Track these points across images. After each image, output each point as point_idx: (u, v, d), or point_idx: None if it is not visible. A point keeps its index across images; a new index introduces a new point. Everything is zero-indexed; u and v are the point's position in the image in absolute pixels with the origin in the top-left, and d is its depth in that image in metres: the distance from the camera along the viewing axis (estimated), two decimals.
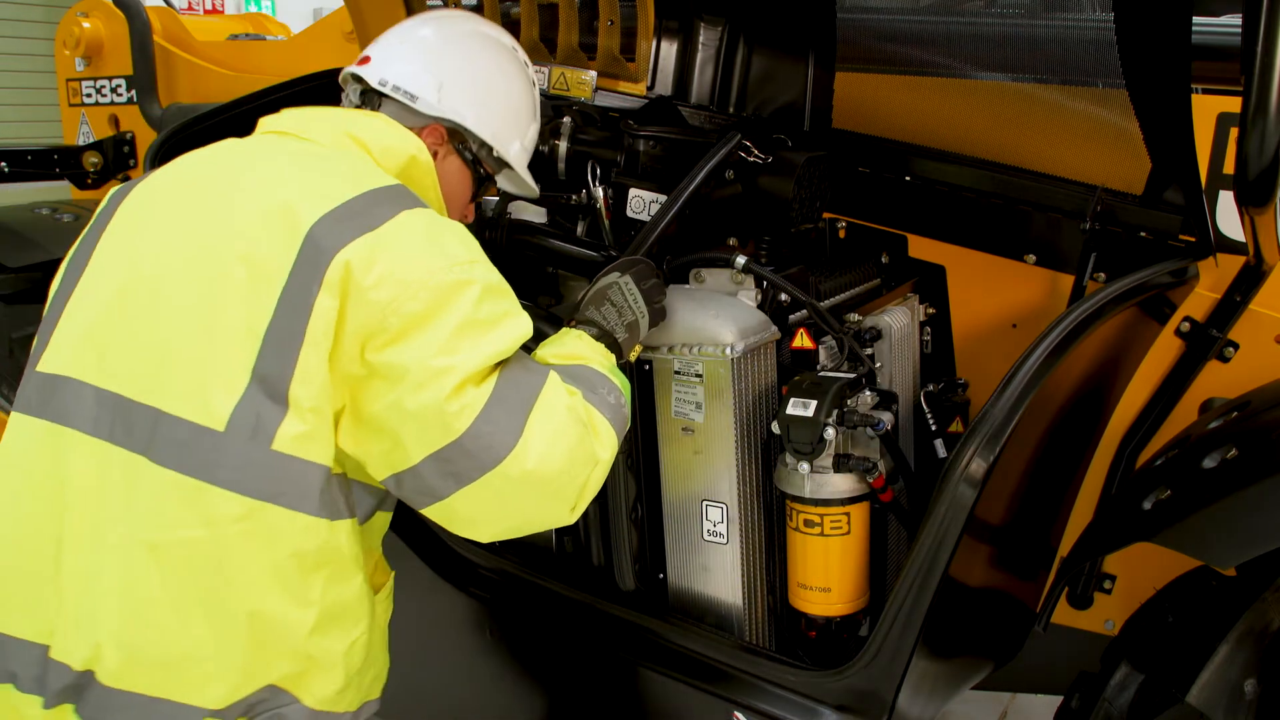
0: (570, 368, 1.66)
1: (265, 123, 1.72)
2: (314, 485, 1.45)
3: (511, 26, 2.82)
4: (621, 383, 1.70)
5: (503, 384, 1.48)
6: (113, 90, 4.00)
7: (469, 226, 1.68)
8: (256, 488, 1.42)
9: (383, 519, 1.72)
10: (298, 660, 1.47)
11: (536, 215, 2.33)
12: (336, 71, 3.03)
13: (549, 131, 2.37)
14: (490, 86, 1.86)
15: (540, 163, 2.38)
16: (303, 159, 1.59)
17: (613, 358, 1.75)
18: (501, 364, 1.51)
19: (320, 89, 2.92)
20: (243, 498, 1.41)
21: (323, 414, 1.45)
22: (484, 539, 1.58)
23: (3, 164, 3.68)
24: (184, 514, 1.42)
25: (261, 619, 1.44)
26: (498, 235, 2.21)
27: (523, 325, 1.53)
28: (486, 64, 1.87)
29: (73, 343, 1.52)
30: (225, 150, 1.64)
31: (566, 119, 2.38)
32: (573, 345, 1.73)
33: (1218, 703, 1.67)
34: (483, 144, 1.85)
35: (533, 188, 1.99)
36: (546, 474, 1.49)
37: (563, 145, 2.34)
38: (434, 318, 1.44)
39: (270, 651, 1.45)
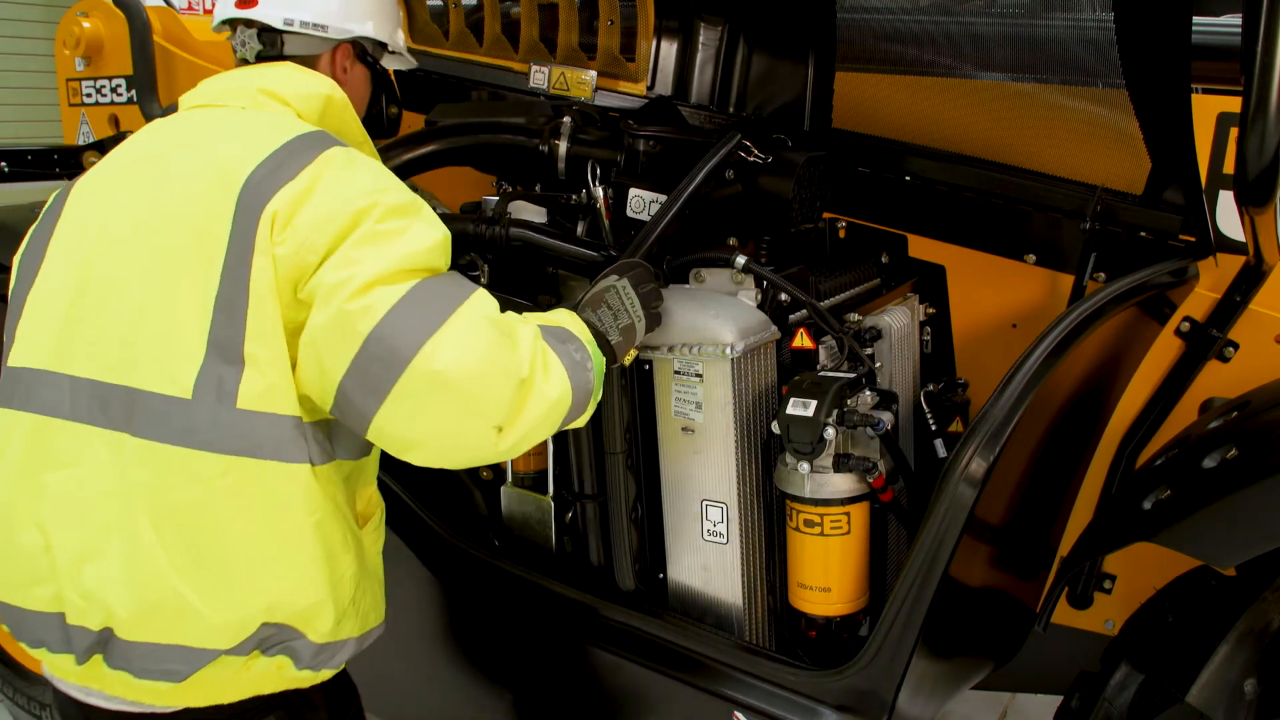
0: (548, 326, 1.66)
1: (184, 99, 1.77)
2: (286, 434, 1.51)
3: (511, 26, 2.82)
4: (595, 354, 1.69)
5: (423, 289, 1.48)
6: (113, 90, 3.99)
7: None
8: (232, 445, 1.49)
9: (371, 459, 1.78)
10: (295, 599, 1.55)
11: (536, 215, 2.33)
12: None
13: (549, 131, 2.37)
14: None
15: (540, 162, 2.38)
16: (226, 123, 1.65)
17: (594, 341, 1.73)
18: (428, 275, 1.52)
19: None
20: (221, 456, 1.49)
21: (280, 366, 1.51)
22: (425, 463, 1.56)
23: (3, 164, 3.67)
24: (173, 479, 1.50)
25: (256, 565, 1.52)
26: (498, 234, 2.21)
27: (433, 233, 1.54)
28: None
29: (41, 336, 1.59)
30: (155, 131, 1.70)
31: (566, 119, 2.37)
32: (560, 315, 1.74)
33: (1218, 703, 1.67)
34: (378, 44, 1.95)
35: (410, 60, 2.13)
36: (459, 378, 1.45)
37: (563, 145, 2.34)
38: (340, 243, 1.48)
39: (268, 594, 1.53)
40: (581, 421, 1.70)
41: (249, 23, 1.82)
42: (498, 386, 1.49)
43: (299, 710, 1.68)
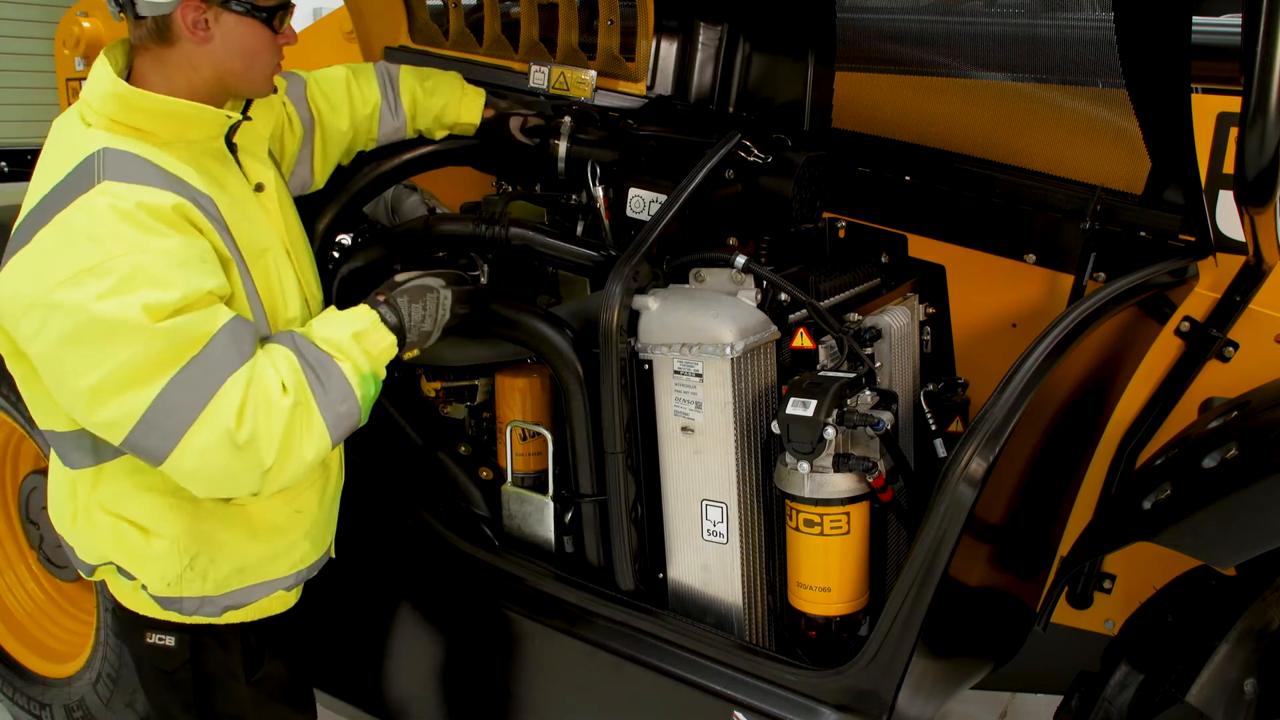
0: (322, 357, 1.70)
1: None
2: (70, 444, 1.76)
3: (511, 26, 2.82)
4: (363, 394, 1.74)
5: (166, 396, 1.55)
6: None
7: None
8: (48, 449, 1.88)
9: None
10: (116, 558, 1.82)
11: (537, 216, 2.33)
12: None
13: (549, 131, 2.37)
14: None
15: (540, 162, 2.38)
16: (44, 162, 1.69)
17: (377, 360, 1.77)
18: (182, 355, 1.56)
19: None
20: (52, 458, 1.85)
21: (40, 408, 1.74)
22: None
23: (2, 164, 3.68)
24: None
25: (88, 532, 1.83)
26: (497, 234, 2.21)
27: (134, 311, 1.50)
28: None
29: None
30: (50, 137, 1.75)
31: (566, 119, 2.37)
32: (341, 333, 1.75)
33: (1218, 702, 1.67)
34: None
35: None
36: (205, 477, 1.63)
37: (563, 145, 2.34)
38: (50, 340, 1.53)
39: (98, 550, 1.84)
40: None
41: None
42: (244, 480, 1.64)
43: (208, 644, 1.90)
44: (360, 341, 1.75)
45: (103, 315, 1.50)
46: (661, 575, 2.10)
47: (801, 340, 2.03)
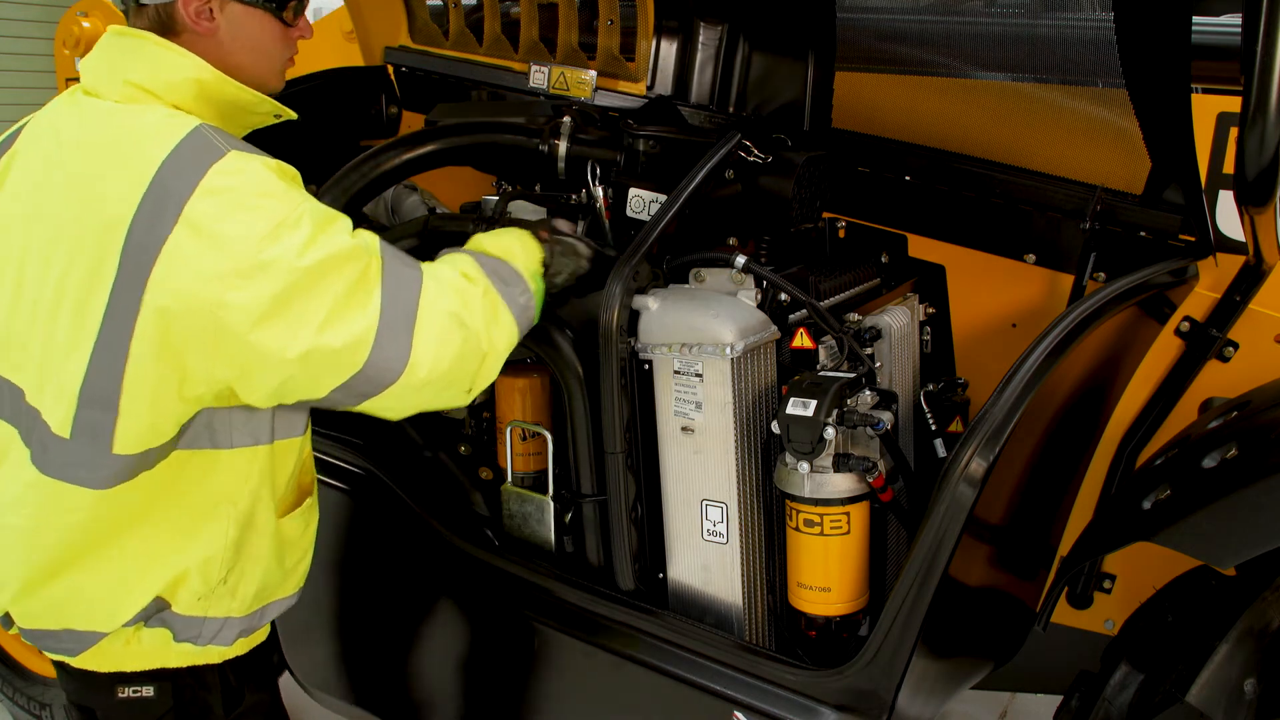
0: (493, 260, 1.79)
1: (81, 67, 1.65)
2: (157, 458, 1.58)
3: (511, 26, 2.82)
4: (536, 288, 1.83)
5: (386, 302, 1.56)
6: None
7: None
8: (108, 482, 1.56)
9: (283, 450, 1.77)
10: (160, 574, 1.66)
11: (536, 215, 2.33)
12: (336, 71, 3.04)
13: (549, 131, 2.37)
14: None
15: (540, 162, 2.38)
16: (102, 136, 1.56)
17: (538, 266, 1.87)
18: (365, 282, 1.55)
19: (321, 89, 2.92)
20: (94, 491, 1.56)
21: (155, 414, 1.54)
22: (393, 419, 1.73)
23: None
24: (60, 505, 1.59)
25: (127, 558, 1.64)
26: None
27: (337, 242, 1.52)
28: None
29: None
30: (53, 121, 1.63)
31: (566, 119, 2.37)
32: (509, 241, 1.86)
33: (1218, 702, 1.67)
34: None
35: None
36: (438, 375, 1.61)
37: (562, 145, 2.34)
38: (265, 298, 1.46)
39: (137, 573, 1.65)
40: None
41: None
42: (468, 368, 1.66)
43: (189, 685, 1.77)
44: (523, 246, 1.86)
45: (318, 256, 1.50)
46: (661, 575, 2.11)
47: (801, 340, 2.03)
